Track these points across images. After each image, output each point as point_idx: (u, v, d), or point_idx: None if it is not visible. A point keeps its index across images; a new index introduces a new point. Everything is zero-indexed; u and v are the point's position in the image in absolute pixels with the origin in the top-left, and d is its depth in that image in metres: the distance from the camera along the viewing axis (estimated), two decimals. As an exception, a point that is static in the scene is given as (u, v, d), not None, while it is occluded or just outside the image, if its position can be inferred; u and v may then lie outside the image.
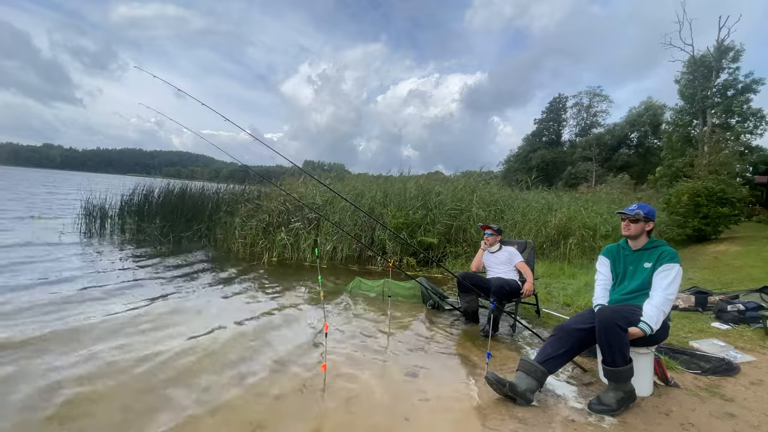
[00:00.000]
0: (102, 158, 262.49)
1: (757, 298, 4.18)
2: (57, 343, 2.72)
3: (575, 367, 2.78)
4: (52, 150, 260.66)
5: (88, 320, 3.20)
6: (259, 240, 7.13)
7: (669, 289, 2.25)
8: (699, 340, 3.35)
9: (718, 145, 17.49)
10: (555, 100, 42.05)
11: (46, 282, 4.21)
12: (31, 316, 3.21)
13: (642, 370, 2.34)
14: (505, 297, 3.43)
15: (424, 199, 7.88)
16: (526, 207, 8.95)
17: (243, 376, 2.46)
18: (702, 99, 21.46)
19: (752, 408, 2.28)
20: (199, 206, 8.34)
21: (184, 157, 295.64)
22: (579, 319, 2.45)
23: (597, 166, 33.03)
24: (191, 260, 6.11)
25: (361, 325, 3.61)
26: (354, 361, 2.78)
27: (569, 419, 2.11)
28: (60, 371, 2.34)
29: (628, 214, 2.47)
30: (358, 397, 2.26)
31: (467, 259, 6.79)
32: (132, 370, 2.44)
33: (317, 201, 7.82)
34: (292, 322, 3.59)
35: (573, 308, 4.43)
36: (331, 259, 6.93)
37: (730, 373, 2.74)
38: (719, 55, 21.22)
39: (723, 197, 10.70)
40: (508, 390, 2.21)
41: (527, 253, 4.10)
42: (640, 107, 35.23)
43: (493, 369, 2.55)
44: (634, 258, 2.48)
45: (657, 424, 2.09)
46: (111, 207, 8.29)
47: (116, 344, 2.78)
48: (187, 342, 2.93)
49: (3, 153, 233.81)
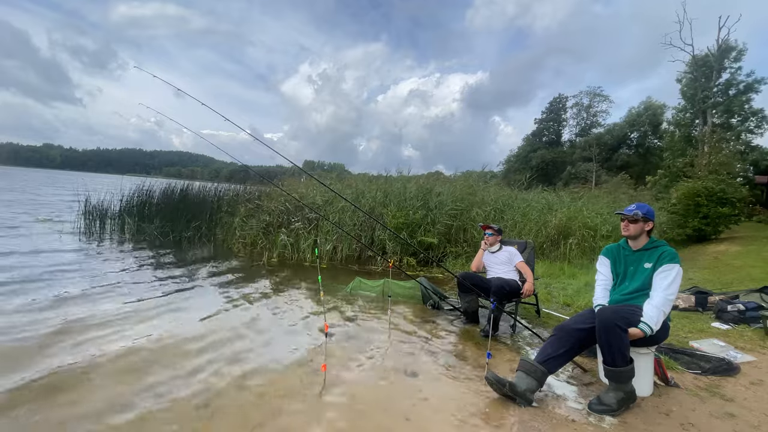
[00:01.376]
0: (102, 158, 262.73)
1: (757, 298, 4.18)
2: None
3: (575, 367, 2.78)
4: (52, 150, 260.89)
5: (84, 320, 3.20)
6: (259, 240, 7.13)
7: (669, 289, 2.25)
8: (699, 340, 3.36)
9: (719, 145, 17.49)
10: (555, 100, 42.06)
11: (46, 282, 4.22)
12: (30, 315, 3.21)
13: (642, 370, 2.34)
14: (505, 297, 3.43)
15: (424, 199, 7.88)
16: (526, 207, 8.96)
17: (243, 375, 2.46)
18: (703, 99, 21.47)
19: (752, 408, 2.28)
20: (199, 206, 8.34)
21: (184, 157, 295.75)
22: (579, 319, 2.45)
23: (597, 166, 33.02)
24: (191, 260, 6.11)
25: (361, 325, 3.61)
26: (354, 361, 2.78)
27: (569, 419, 2.11)
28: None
29: (626, 215, 2.48)
30: (358, 397, 2.26)
31: (467, 259, 6.79)
32: (128, 368, 2.44)
33: (317, 201, 7.83)
34: (291, 321, 3.58)
35: (573, 308, 4.43)
36: (331, 259, 6.93)
37: (730, 373, 2.74)
38: (720, 54, 21.23)
39: (723, 197, 10.70)
40: (508, 390, 2.21)
41: (527, 253, 4.10)
42: (640, 107, 35.26)
43: (493, 369, 2.55)
44: (635, 258, 2.48)
45: (657, 424, 2.09)
46: (111, 207, 8.30)
47: (113, 342, 2.78)
48: (187, 342, 2.93)
49: (3, 153, 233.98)
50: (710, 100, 21.46)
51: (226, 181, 9.57)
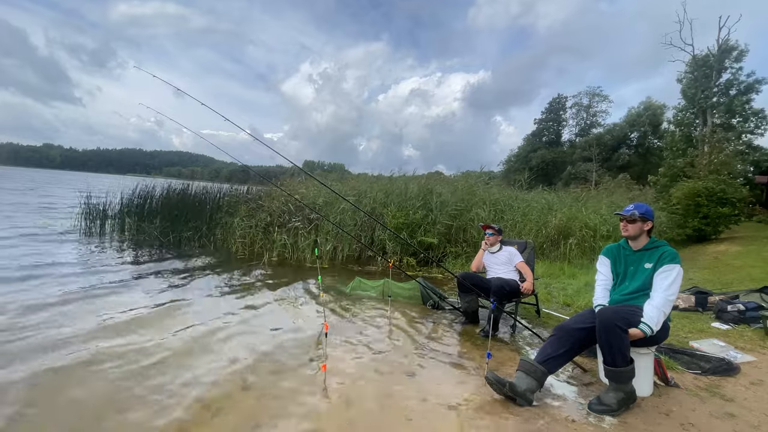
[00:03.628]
0: (102, 158, 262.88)
1: (757, 298, 4.18)
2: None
3: (575, 367, 2.78)
4: (53, 150, 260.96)
5: (82, 320, 3.20)
6: (258, 240, 7.13)
7: (669, 289, 2.25)
8: (699, 340, 3.35)
9: (719, 145, 17.48)
10: (554, 100, 42.06)
11: (45, 282, 4.22)
12: (29, 314, 3.21)
13: (642, 370, 2.34)
14: (505, 297, 3.43)
15: (424, 199, 7.88)
16: (526, 207, 8.96)
17: (242, 375, 2.46)
18: (704, 99, 21.46)
19: (752, 408, 2.28)
20: (199, 206, 8.34)
21: (184, 157, 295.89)
22: (579, 319, 2.45)
23: (597, 166, 33.02)
24: (191, 260, 6.11)
25: (361, 325, 3.61)
26: (354, 361, 2.78)
27: (569, 419, 2.11)
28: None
29: (624, 215, 2.49)
30: (358, 397, 2.26)
31: (467, 259, 6.79)
32: (126, 367, 2.44)
33: (317, 201, 7.83)
34: (292, 321, 3.58)
35: (573, 308, 4.43)
36: (331, 259, 6.93)
37: (730, 373, 2.74)
38: (720, 55, 21.21)
39: (723, 197, 10.69)
40: (508, 390, 2.21)
41: (527, 253, 4.10)
42: (640, 107, 35.26)
43: (493, 369, 2.55)
44: (635, 258, 2.48)
45: (657, 424, 2.09)
46: (111, 207, 8.30)
47: (112, 342, 2.78)
48: (186, 341, 2.93)
49: (3, 153, 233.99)
50: (710, 100, 21.44)
51: (226, 181, 9.55)
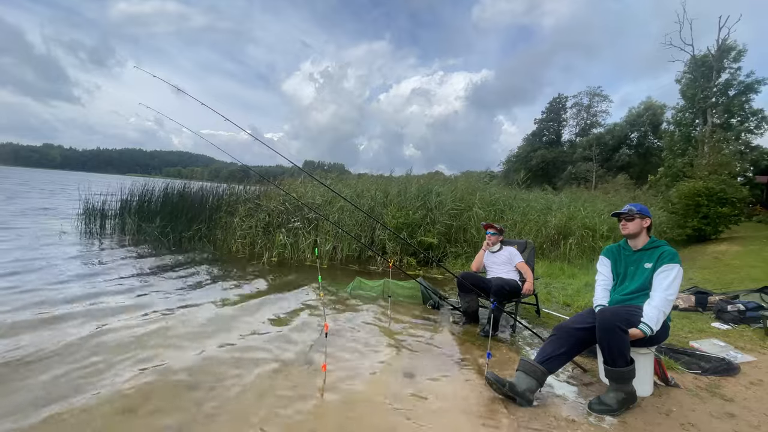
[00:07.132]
0: (102, 158, 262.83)
1: (757, 298, 4.19)
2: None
3: (575, 367, 2.78)
4: (52, 150, 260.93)
5: (82, 320, 3.20)
6: (258, 239, 7.13)
7: (669, 289, 2.25)
8: (699, 340, 3.36)
9: (719, 145, 17.50)
10: (555, 100, 42.11)
11: (45, 281, 4.22)
12: (29, 313, 3.22)
13: (642, 371, 2.34)
14: (505, 297, 3.43)
15: (424, 199, 7.88)
16: (526, 207, 8.96)
17: (242, 375, 2.45)
18: (703, 99, 21.46)
19: (752, 408, 2.28)
20: (199, 206, 8.33)
21: (184, 157, 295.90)
22: (579, 319, 2.45)
23: (597, 166, 33.04)
24: (191, 260, 6.10)
25: (361, 325, 3.60)
26: (354, 361, 2.78)
27: (569, 419, 2.11)
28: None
29: (623, 213, 2.52)
30: (358, 397, 2.26)
31: (467, 259, 6.79)
32: (123, 366, 2.44)
33: (317, 201, 7.83)
34: (292, 321, 3.58)
35: (573, 308, 4.43)
36: (331, 259, 6.93)
37: (730, 373, 2.74)
38: (720, 55, 21.22)
39: (723, 197, 10.70)
40: (508, 390, 2.21)
41: (527, 253, 4.10)
42: (640, 107, 35.28)
43: (493, 369, 2.55)
44: (635, 258, 2.48)
45: (657, 424, 2.09)
46: (111, 207, 8.30)
47: (111, 342, 2.78)
48: (186, 341, 2.93)
49: (3, 153, 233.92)
50: (710, 100, 21.45)
51: (226, 181, 9.54)
